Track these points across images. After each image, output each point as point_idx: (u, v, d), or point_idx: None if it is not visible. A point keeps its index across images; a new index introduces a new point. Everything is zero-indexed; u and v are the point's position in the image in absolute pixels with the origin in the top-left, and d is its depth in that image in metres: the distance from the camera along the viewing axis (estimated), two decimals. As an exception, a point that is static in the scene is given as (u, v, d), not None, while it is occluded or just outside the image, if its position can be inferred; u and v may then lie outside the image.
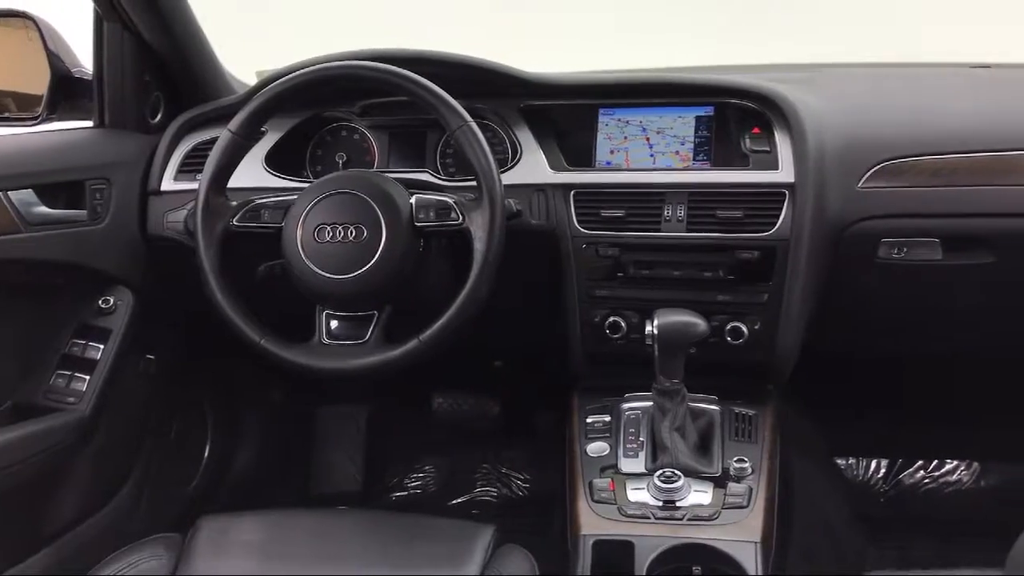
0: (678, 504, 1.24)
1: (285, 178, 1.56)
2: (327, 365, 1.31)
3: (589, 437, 1.39)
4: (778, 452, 1.36)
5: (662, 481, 1.25)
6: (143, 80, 1.59)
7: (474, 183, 1.31)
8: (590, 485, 1.30)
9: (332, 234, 1.31)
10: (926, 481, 2.07)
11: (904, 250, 1.41)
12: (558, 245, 1.46)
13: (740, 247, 1.39)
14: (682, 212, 1.42)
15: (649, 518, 1.23)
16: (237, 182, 1.43)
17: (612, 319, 1.46)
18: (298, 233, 1.32)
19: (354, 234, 1.30)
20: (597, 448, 1.37)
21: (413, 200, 1.33)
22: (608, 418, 1.42)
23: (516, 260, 1.33)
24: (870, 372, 1.89)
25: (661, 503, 1.25)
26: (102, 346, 1.54)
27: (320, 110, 1.61)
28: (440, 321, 1.27)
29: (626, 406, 1.42)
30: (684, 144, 1.50)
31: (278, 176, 1.56)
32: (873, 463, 2.08)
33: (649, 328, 1.29)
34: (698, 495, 1.25)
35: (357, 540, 1.26)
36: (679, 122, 1.51)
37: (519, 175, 1.49)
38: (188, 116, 1.63)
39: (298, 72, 1.35)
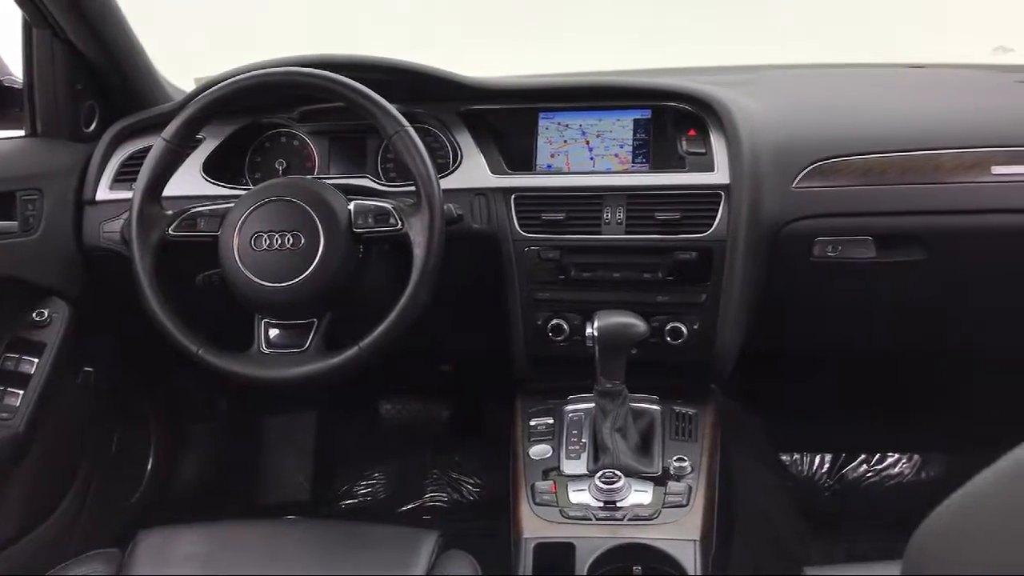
0: (619, 504, 1.25)
1: (224, 186, 1.54)
2: (266, 374, 1.30)
3: (532, 440, 1.40)
4: (718, 450, 1.38)
5: (603, 482, 1.26)
6: (75, 88, 1.56)
7: (414, 188, 1.31)
8: (532, 488, 1.31)
9: (269, 242, 1.30)
10: (869, 475, 2.10)
11: (838, 248, 1.44)
12: (500, 249, 1.47)
13: (678, 248, 1.40)
14: (621, 214, 1.43)
15: (590, 519, 1.24)
16: (174, 190, 1.41)
17: (555, 322, 1.46)
18: (235, 241, 1.31)
19: (291, 242, 1.29)
20: (540, 451, 1.38)
21: (352, 206, 1.33)
22: (551, 420, 1.42)
23: (458, 264, 1.34)
24: (813, 368, 1.92)
25: (602, 504, 1.25)
26: (36, 360, 1.51)
27: (258, 117, 1.59)
28: (380, 328, 1.27)
29: (569, 408, 1.43)
30: (623, 147, 1.51)
31: (216, 184, 1.54)
32: (817, 458, 2.11)
33: (589, 330, 1.30)
34: (638, 495, 1.26)
35: (299, 550, 1.25)
36: (618, 125, 1.52)
37: (460, 179, 1.49)
38: (123, 124, 1.60)
39: (232, 79, 1.34)
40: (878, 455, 2.11)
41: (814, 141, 1.46)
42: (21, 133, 1.57)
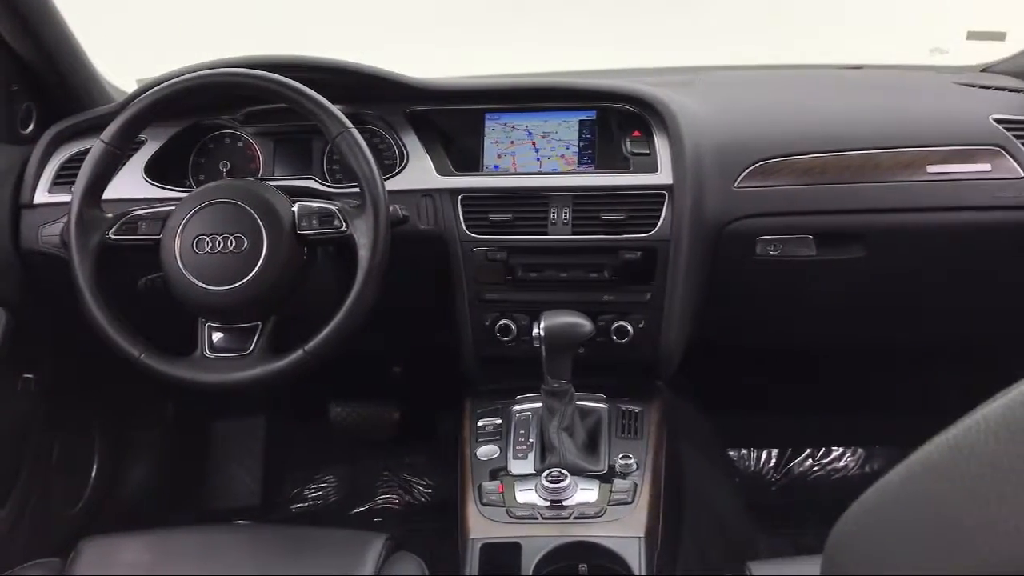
0: (565, 503, 1.26)
1: (166, 188, 1.52)
2: (209, 379, 1.28)
3: (479, 440, 1.41)
4: (664, 447, 1.39)
5: (549, 481, 1.26)
6: (10, 89, 1.53)
7: (359, 190, 1.31)
8: (479, 488, 1.31)
9: (211, 245, 1.28)
10: (815, 469, 2.14)
11: (780, 247, 1.46)
12: (447, 249, 1.47)
13: (623, 248, 1.42)
14: (567, 215, 1.44)
15: (537, 518, 1.25)
16: (116, 193, 1.39)
17: (502, 322, 1.47)
18: (176, 244, 1.29)
19: (234, 244, 1.28)
20: (487, 451, 1.38)
21: (295, 208, 1.32)
22: (499, 421, 1.43)
23: (406, 265, 1.33)
24: (758, 365, 1.95)
25: (548, 503, 1.26)
26: None
27: (201, 118, 1.57)
28: (326, 330, 1.26)
29: (516, 408, 1.44)
30: (569, 148, 1.52)
31: (159, 186, 1.52)
32: (764, 453, 2.15)
33: (536, 330, 1.31)
34: (584, 493, 1.27)
35: (244, 556, 1.24)
36: (563, 126, 1.53)
37: (406, 180, 1.48)
38: (62, 126, 1.57)
39: (172, 80, 1.32)
40: (823, 450, 2.15)
41: (755, 142, 1.48)
42: (-45, 135, 1.54)
